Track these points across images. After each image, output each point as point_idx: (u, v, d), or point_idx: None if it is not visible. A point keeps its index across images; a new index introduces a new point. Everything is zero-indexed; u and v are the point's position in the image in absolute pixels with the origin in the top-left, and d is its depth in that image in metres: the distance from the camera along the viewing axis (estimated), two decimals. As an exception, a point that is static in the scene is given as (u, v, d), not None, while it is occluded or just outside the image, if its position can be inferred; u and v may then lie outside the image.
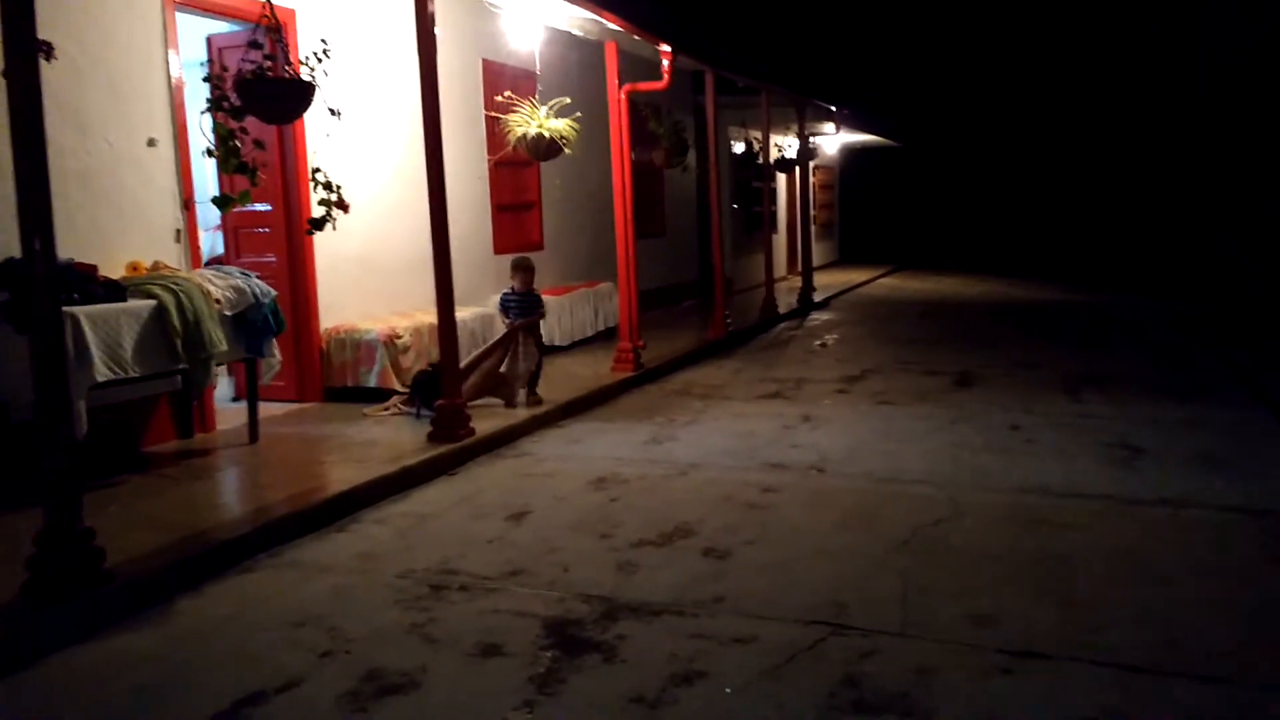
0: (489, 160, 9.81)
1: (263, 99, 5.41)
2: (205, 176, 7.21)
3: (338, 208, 6.14)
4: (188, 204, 6.56)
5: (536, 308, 7.63)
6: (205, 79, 5.48)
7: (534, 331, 7.59)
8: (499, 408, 7.34)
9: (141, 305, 5.42)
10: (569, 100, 8.24)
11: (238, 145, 5.42)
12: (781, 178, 19.23)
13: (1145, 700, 3.10)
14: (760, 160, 14.79)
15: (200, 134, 5.59)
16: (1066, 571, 4.19)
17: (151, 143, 6.31)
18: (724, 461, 6.17)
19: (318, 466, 5.99)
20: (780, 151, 17.08)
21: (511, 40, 9.09)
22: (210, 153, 5.49)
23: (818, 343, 11.57)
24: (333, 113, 6.08)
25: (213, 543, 4.51)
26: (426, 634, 3.72)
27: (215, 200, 5.99)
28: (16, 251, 3.93)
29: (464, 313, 7.94)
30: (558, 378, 8.45)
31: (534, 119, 7.89)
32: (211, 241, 8.73)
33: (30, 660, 3.55)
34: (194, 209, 6.65)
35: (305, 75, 5.56)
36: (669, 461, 6.19)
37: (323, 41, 5.92)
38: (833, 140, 20.45)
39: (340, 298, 7.93)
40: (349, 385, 7.65)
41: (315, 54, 5.67)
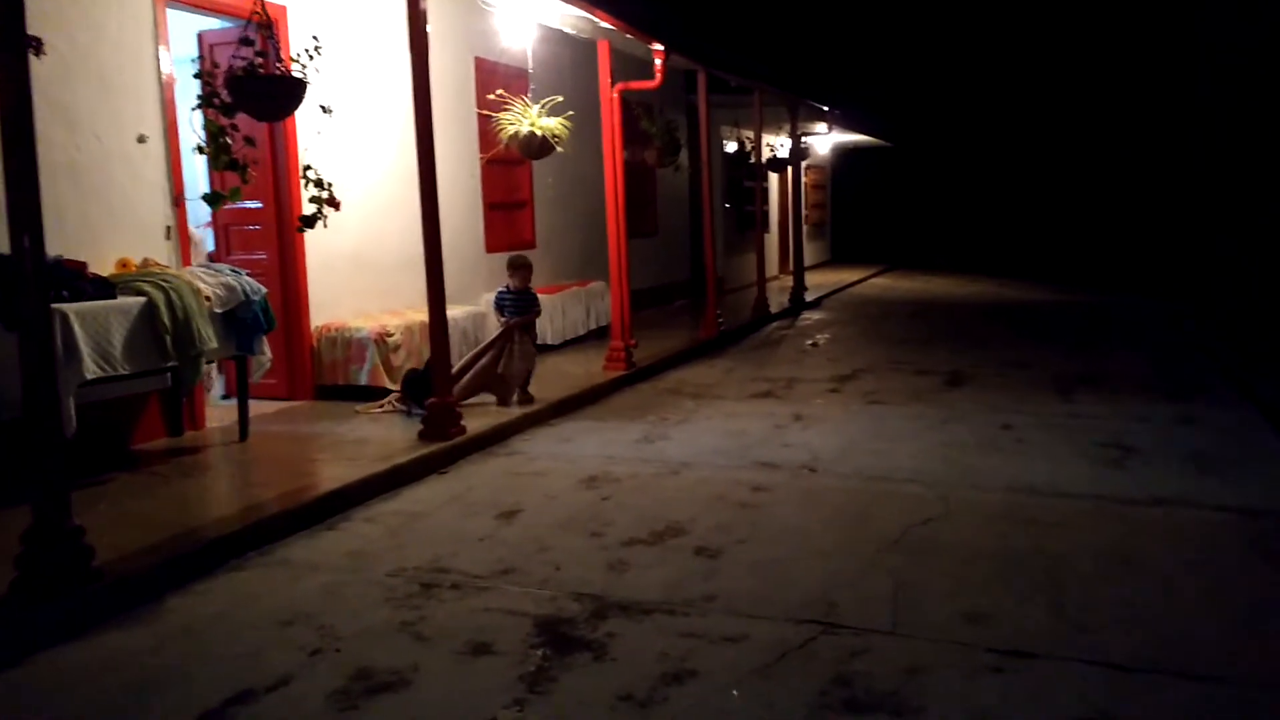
0: (481, 158, 9.79)
1: (254, 96, 5.39)
2: (196, 173, 7.19)
3: (329, 205, 6.14)
4: (178, 201, 6.54)
5: (532, 306, 7.61)
6: (196, 75, 5.47)
7: (529, 330, 7.58)
8: (490, 406, 7.33)
9: (131, 302, 5.40)
10: (561, 99, 8.23)
11: (228, 142, 5.40)
12: (773, 177, 19.24)
13: (1135, 699, 3.11)
14: (752, 160, 14.78)
15: (191, 130, 5.58)
16: (1057, 570, 4.20)
17: (142, 139, 6.29)
18: (715, 460, 6.17)
19: (308, 464, 5.98)
20: (772, 151, 17.08)
21: (504, 38, 9.06)
22: (201, 149, 5.48)
23: (809, 342, 11.59)
24: (324, 110, 6.07)
25: (203, 541, 4.49)
26: (417, 632, 3.71)
27: (206, 197, 5.97)
28: (5, 248, 3.91)
29: (455, 311, 7.93)
30: (549, 376, 8.44)
31: (526, 117, 7.88)
32: (201, 238, 8.68)
33: (19, 658, 3.53)
34: (184, 206, 6.62)
35: (296, 72, 5.55)
36: (660, 460, 6.19)
37: (314, 38, 5.91)
38: (825, 140, 20.46)
39: (331, 295, 7.91)
40: (340, 383, 7.64)
41: (306, 51, 5.66)
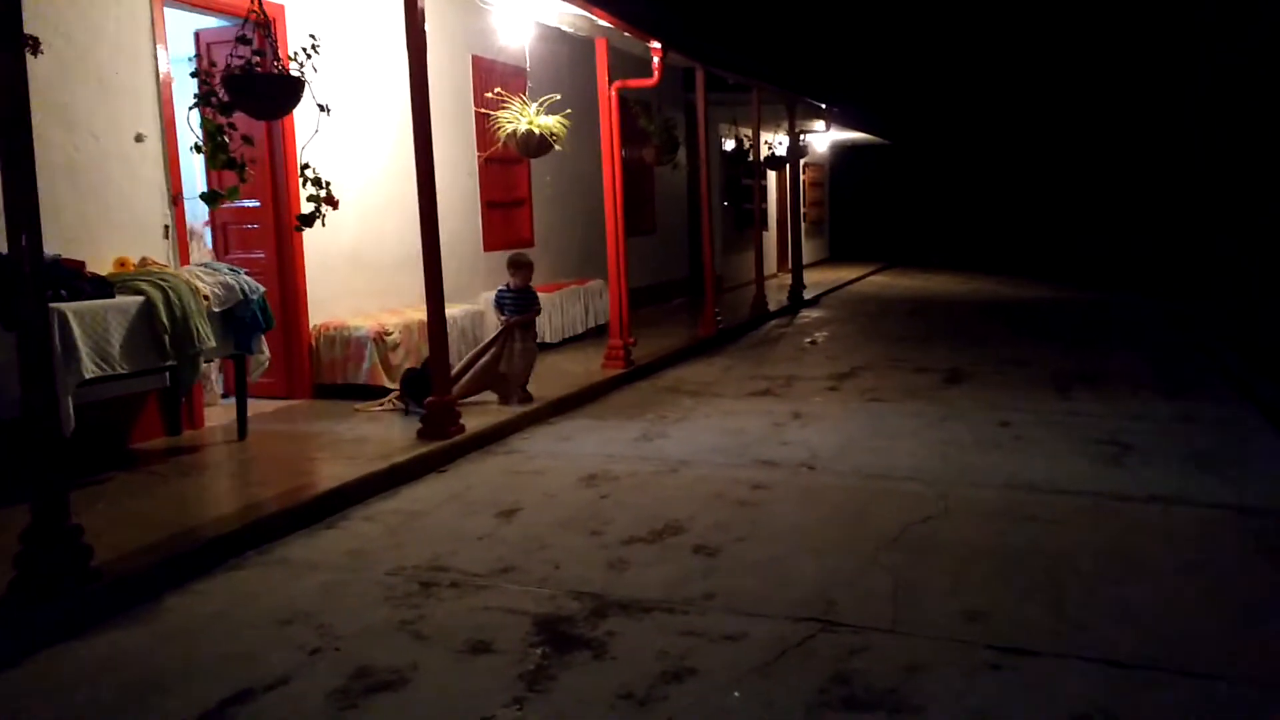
0: (479, 157, 9.79)
1: (251, 95, 5.38)
2: (194, 172, 7.18)
3: (327, 204, 6.13)
4: (176, 200, 6.53)
5: (532, 305, 7.60)
6: (193, 74, 5.45)
7: (529, 329, 7.57)
8: (489, 405, 7.32)
9: (129, 301, 5.40)
10: (559, 97, 8.22)
11: (226, 141, 5.39)
12: (772, 175, 19.24)
13: (1134, 696, 3.11)
14: (751, 158, 14.79)
15: (188, 129, 5.57)
16: (1056, 568, 4.20)
17: (139, 138, 6.28)
18: (714, 459, 6.17)
19: (307, 463, 5.97)
20: (771, 149, 17.08)
21: (501, 36, 9.07)
22: (198, 148, 5.47)
23: (808, 340, 11.59)
24: (322, 108, 6.05)
25: (201, 540, 4.49)
26: (416, 631, 3.71)
27: (203, 196, 5.96)
28: (3, 247, 3.91)
29: (454, 310, 7.93)
30: (548, 375, 8.44)
31: (524, 115, 7.87)
32: (203, 233, 8.67)
33: (17, 658, 3.53)
34: (182, 205, 6.62)
35: (294, 71, 5.54)
36: (659, 459, 6.19)
37: (311, 37, 5.90)
38: (823, 138, 20.47)
39: (329, 294, 7.90)
40: (338, 382, 7.63)
41: (304, 49, 5.65)
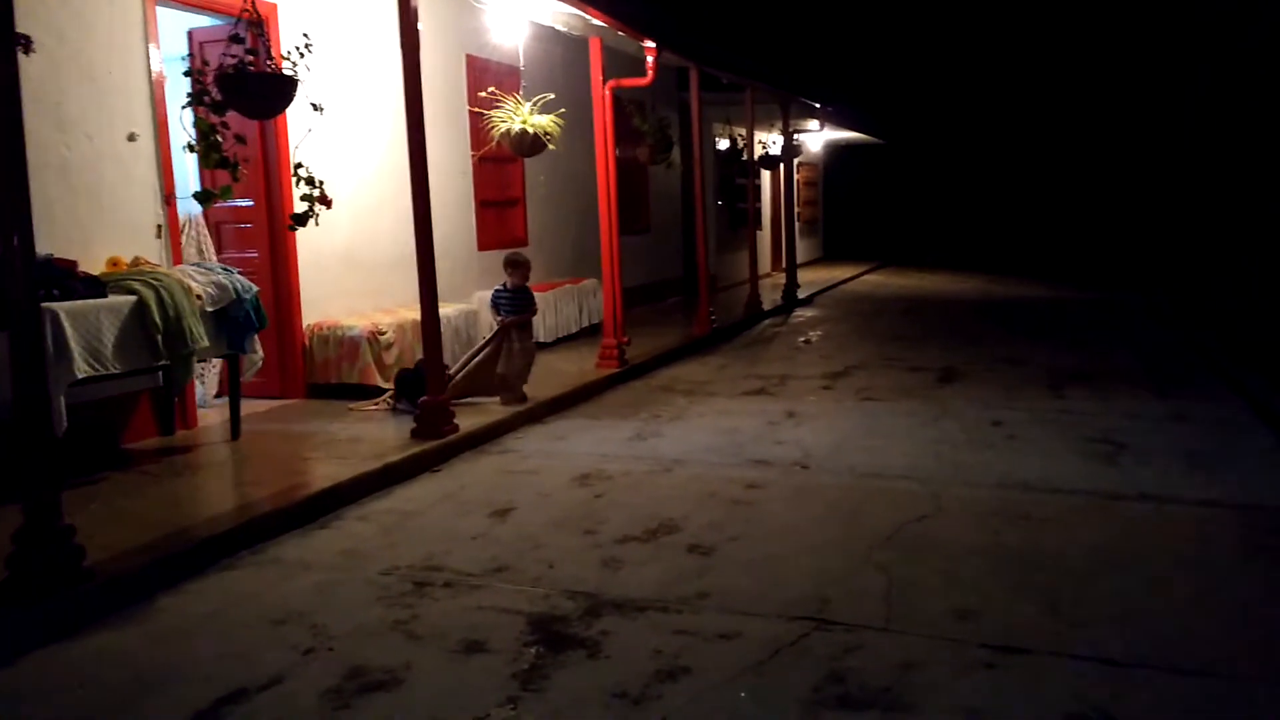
0: (473, 156, 9.78)
1: (244, 94, 5.37)
2: (186, 172, 7.16)
3: (320, 203, 6.12)
4: (169, 199, 6.52)
5: (529, 305, 7.59)
6: (186, 73, 5.44)
7: (525, 329, 7.56)
8: (483, 405, 7.31)
9: (122, 301, 5.38)
10: (553, 96, 8.22)
11: (219, 140, 5.38)
12: (766, 175, 19.25)
13: (1128, 694, 3.12)
14: (745, 157, 14.80)
15: (181, 129, 5.55)
16: (1049, 566, 4.21)
17: (132, 137, 6.26)
18: (708, 458, 6.17)
19: (300, 463, 5.96)
20: (765, 148, 17.11)
21: (495, 35, 9.06)
22: (191, 148, 5.45)
23: (802, 339, 11.60)
24: (315, 108, 6.05)
25: (194, 540, 4.48)
26: (410, 631, 3.71)
27: (197, 195, 5.95)
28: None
29: (448, 309, 7.92)
30: (542, 374, 8.42)
31: (518, 115, 7.86)
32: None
33: (10, 659, 3.52)
34: (175, 204, 6.60)
35: (287, 70, 5.52)
36: (654, 458, 6.19)
37: (305, 36, 5.89)
38: (817, 137, 20.49)
39: (323, 294, 7.89)
40: (332, 382, 7.62)
41: (297, 48, 5.64)
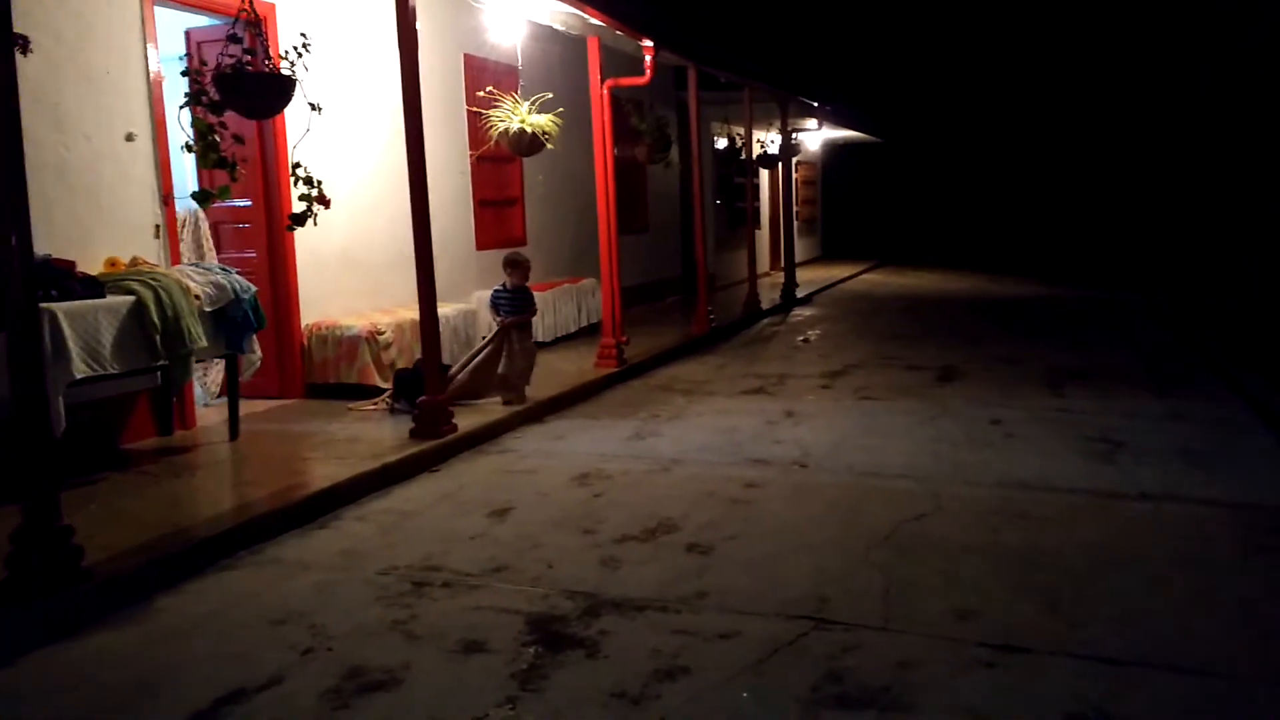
0: (471, 156, 9.78)
1: (242, 94, 5.36)
2: (184, 172, 7.16)
3: (318, 203, 6.11)
4: (167, 199, 6.51)
5: (528, 305, 7.59)
6: (184, 73, 5.44)
7: (525, 329, 7.56)
8: (482, 404, 7.31)
9: (120, 301, 5.38)
10: (551, 95, 8.22)
11: (217, 140, 5.37)
12: (764, 174, 19.24)
13: (1127, 693, 3.12)
14: (743, 156, 14.79)
15: (179, 129, 5.54)
16: (1048, 565, 4.21)
17: (130, 137, 6.26)
18: (707, 457, 6.18)
19: (299, 463, 5.96)
20: (763, 147, 17.10)
21: (493, 35, 9.06)
22: (189, 148, 5.44)
23: (800, 338, 11.60)
24: (313, 107, 6.04)
25: (193, 540, 4.48)
26: (409, 631, 3.71)
27: (195, 195, 5.95)
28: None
29: (446, 309, 7.92)
30: (541, 374, 8.41)
31: (516, 114, 7.86)
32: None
33: (8, 659, 3.52)
34: (173, 204, 6.60)
35: (285, 70, 5.52)
36: (652, 457, 6.19)
37: (303, 35, 5.88)
38: (815, 136, 20.48)
39: (321, 294, 7.89)
40: (331, 382, 7.62)
41: (295, 48, 5.63)
